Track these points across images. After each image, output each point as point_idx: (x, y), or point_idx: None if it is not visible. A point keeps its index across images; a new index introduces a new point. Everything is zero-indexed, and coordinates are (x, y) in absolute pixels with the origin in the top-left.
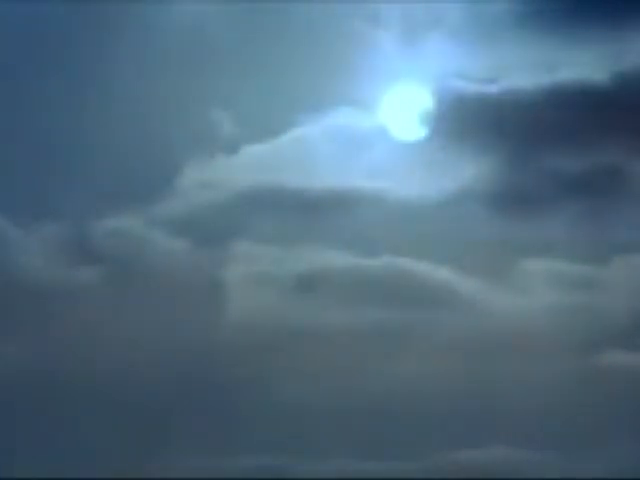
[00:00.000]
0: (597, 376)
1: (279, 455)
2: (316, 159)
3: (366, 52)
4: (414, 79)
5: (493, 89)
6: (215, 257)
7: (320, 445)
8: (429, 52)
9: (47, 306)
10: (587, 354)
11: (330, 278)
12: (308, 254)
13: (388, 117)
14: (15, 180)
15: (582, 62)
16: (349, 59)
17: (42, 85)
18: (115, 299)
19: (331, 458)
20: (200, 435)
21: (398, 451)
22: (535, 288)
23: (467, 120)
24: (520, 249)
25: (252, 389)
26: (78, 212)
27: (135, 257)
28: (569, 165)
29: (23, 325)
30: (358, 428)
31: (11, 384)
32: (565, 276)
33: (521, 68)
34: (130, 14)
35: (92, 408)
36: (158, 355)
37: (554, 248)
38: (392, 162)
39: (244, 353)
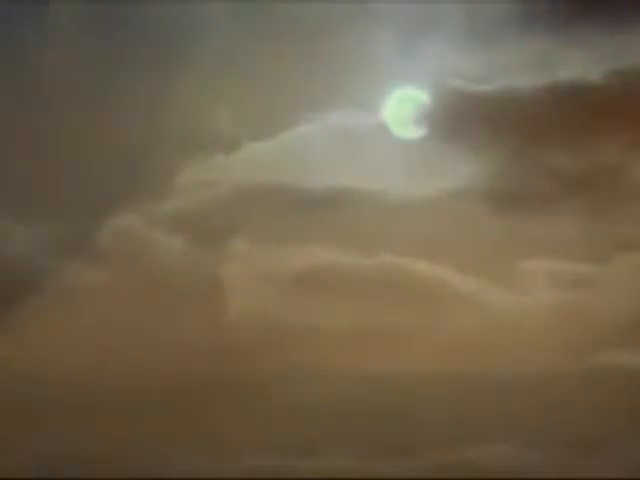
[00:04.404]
0: (597, 376)
1: (279, 455)
2: (315, 158)
3: (366, 52)
4: (413, 79)
5: (492, 88)
6: (214, 255)
7: (320, 444)
8: (428, 52)
9: (48, 304)
10: (587, 354)
11: (329, 277)
12: (307, 253)
13: (388, 116)
14: (15, 179)
15: (581, 61)
16: (349, 59)
17: (36, 82)
18: (113, 297)
19: (331, 457)
20: (199, 435)
21: (398, 450)
22: (535, 287)
23: (466, 119)
24: (520, 248)
25: (251, 388)
26: (78, 211)
27: (134, 255)
28: (569, 164)
29: (23, 324)
30: (358, 427)
31: (11, 383)
32: (565, 275)
33: (520, 67)
34: (129, 13)
35: (91, 407)
36: (157, 354)
37: (554, 247)
38: (392, 161)
39: (243, 351)
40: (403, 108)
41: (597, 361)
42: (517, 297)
